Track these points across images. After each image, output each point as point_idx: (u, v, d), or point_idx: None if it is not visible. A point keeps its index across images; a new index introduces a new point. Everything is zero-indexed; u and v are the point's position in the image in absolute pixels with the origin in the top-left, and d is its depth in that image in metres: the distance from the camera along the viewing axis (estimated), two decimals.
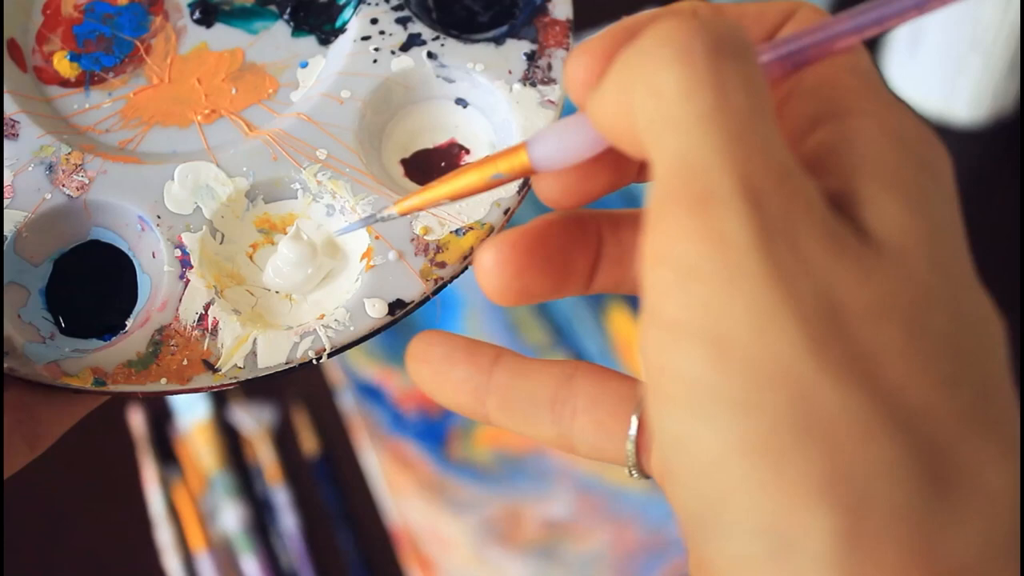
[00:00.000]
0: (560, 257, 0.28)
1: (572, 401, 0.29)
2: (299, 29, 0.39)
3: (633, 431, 0.29)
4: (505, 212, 0.35)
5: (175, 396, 0.69)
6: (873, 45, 0.83)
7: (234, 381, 0.33)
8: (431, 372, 0.30)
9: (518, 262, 0.28)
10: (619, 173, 0.27)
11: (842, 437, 0.20)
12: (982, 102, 0.79)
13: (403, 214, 0.31)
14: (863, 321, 0.21)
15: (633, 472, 0.29)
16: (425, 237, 0.34)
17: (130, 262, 0.36)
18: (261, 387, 0.71)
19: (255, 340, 0.33)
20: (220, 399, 0.70)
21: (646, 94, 0.22)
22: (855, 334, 0.21)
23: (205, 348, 0.33)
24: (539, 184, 0.28)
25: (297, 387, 0.71)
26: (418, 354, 0.30)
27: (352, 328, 0.33)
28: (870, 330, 0.21)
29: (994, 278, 0.89)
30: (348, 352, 0.34)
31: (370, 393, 0.70)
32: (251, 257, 0.36)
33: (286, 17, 0.39)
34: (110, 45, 0.39)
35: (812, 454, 0.20)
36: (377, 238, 0.34)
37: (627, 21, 0.26)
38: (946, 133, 0.80)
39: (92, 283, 0.35)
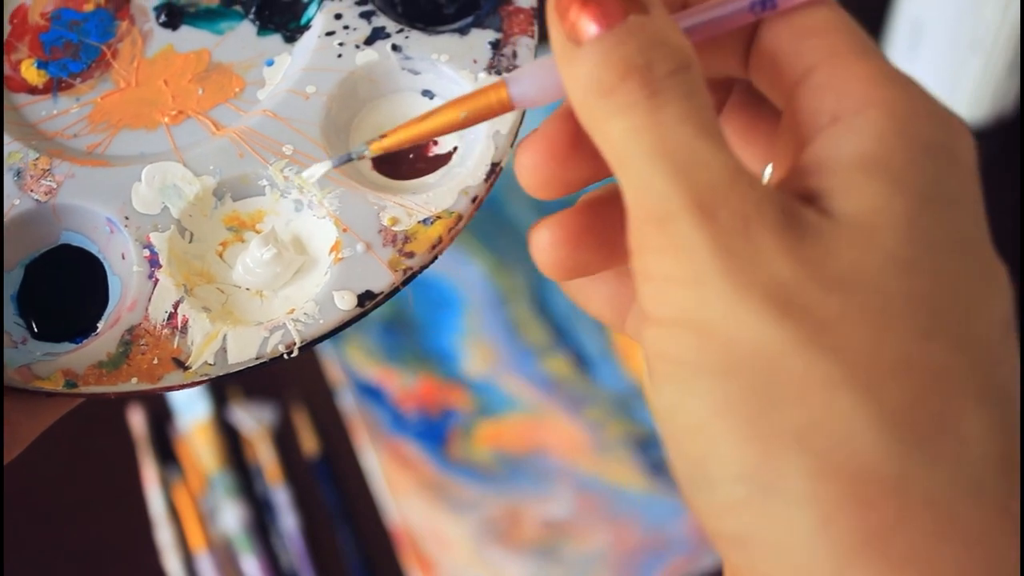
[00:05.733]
0: (607, 230, 0.30)
1: None
2: (265, 28, 0.39)
3: None
4: (473, 200, 0.34)
5: (175, 395, 0.70)
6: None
7: (204, 378, 0.33)
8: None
9: (569, 238, 0.30)
10: (598, 163, 0.28)
11: (808, 395, 0.23)
12: (982, 102, 0.78)
13: (376, 153, 0.31)
14: (825, 293, 0.24)
15: None
16: (393, 228, 0.34)
17: (100, 265, 0.36)
18: (261, 387, 0.71)
19: (225, 336, 0.34)
20: (220, 399, 0.70)
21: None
22: (815, 306, 0.24)
23: (175, 346, 0.33)
24: (521, 172, 0.29)
25: (297, 387, 0.71)
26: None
27: (322, 321, 0.33)
28: (832, 300, 0.24)
29: None
30: (348, 352, 0.34)
31: (370, 393, 0.70)
32: (221, 255, 0.36)
33: (251, 16, 0.39)
34: (77, 51, 0.39)
35: (783, 410, 0.23)
36: (345, 230, 0.34)
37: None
38: None
39: (63, 287, 0.35)
